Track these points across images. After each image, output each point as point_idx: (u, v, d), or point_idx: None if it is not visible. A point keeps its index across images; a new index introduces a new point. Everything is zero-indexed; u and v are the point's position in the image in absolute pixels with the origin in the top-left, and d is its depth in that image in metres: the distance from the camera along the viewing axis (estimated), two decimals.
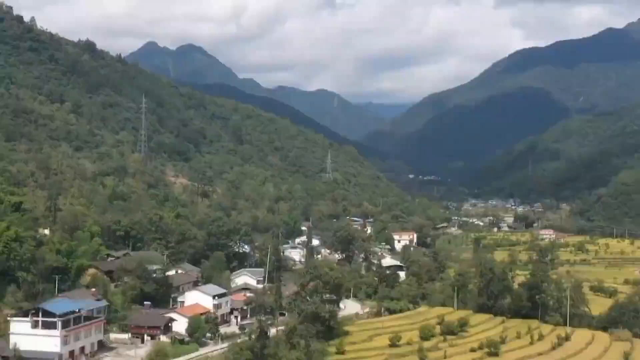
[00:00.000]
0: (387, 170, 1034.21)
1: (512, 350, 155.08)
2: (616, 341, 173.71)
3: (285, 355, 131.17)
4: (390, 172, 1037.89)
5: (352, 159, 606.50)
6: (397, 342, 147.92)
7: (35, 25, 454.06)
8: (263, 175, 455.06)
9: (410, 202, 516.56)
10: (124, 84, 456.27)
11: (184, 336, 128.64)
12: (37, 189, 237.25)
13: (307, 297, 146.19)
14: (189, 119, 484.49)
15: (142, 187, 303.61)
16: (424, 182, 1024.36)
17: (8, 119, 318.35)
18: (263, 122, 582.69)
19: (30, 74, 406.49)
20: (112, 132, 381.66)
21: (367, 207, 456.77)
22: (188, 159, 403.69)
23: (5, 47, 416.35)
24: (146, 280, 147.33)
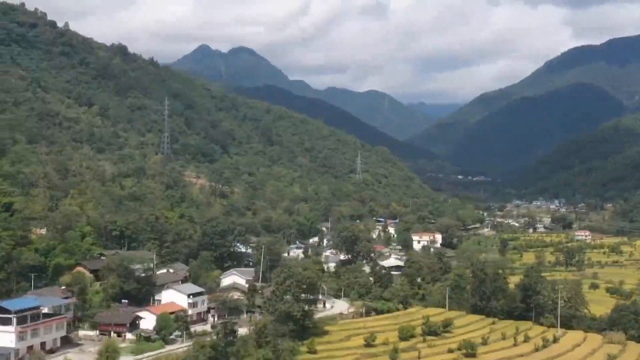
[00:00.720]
0: (434, 171, 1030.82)
1: (493, 352, 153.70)
2: (608, 343, 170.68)
3: (252, 353, 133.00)
4: (439, 172, 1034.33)
5: (384, 160, 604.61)
6: (372, 342, 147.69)
7: (68, 30, 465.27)
8: (291, 176, 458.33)
9: (441, 203, 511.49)
10: (154, 87, 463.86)
11: (150, 333, 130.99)
12: (50, 190, 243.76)
13: (281, 296, 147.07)
14: (218, 121, 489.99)
15: (160, 188, 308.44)
16: (472, 182, 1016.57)
17: (33, 122, 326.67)
18: (295, 123, 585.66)
19: (61, 77, 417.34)
20: (138, 134, 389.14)
21: (395, 208, 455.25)
22: (213, 160, 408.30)
23: (38, 52, 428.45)
24: (126, 279, 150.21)
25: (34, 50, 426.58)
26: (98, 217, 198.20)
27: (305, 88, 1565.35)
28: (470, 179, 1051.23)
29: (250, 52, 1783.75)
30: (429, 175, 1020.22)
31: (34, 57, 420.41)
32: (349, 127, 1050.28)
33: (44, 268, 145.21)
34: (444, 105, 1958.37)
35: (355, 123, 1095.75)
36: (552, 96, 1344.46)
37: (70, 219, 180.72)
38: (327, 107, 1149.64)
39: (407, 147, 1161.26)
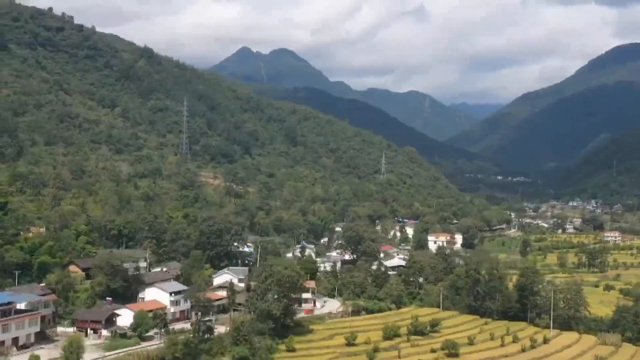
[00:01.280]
0: (473, 171, 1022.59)
1: (477, 352, 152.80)
2: (601, 345, 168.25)
3: (229, 350, 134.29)
4: (478, 173, 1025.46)
5: (410, 160, 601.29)
6: (353, 341, 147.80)
7: (95, 33, 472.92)
8: (313, 177, 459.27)
9: (465, 204, 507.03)
10: (177, 89, 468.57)
11: (127, 330, 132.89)
12: (61, 190, 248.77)
13: (261, 295, 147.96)
14: (241, 122, 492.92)
15: (175, 188, 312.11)
16: (512, 183, 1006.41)
17: (53, 124, 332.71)
18: (320, 123, 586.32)
19: (85, 80, 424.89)
20: (158, 136, 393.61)
21: (418, 208, 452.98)
22: (233, 161, 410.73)
23: (64, 55, 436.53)
24: (113, 277, 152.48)
25: (59, 54, 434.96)
26: (99, 216, 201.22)
27: (345, 89, 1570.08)
28: (511, 180, 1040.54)
29: (291, 54, 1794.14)
30: (467, 176, 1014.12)
31: (59, 60, 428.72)
32: (387, 127, 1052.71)
33: (29, 265, 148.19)
34: (487, 105, 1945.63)
35: (393, 123, 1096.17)
36: (596, 95, 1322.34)
37: (66, 218, 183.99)
38: (365, 108, 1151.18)
39: (446, 148, 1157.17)
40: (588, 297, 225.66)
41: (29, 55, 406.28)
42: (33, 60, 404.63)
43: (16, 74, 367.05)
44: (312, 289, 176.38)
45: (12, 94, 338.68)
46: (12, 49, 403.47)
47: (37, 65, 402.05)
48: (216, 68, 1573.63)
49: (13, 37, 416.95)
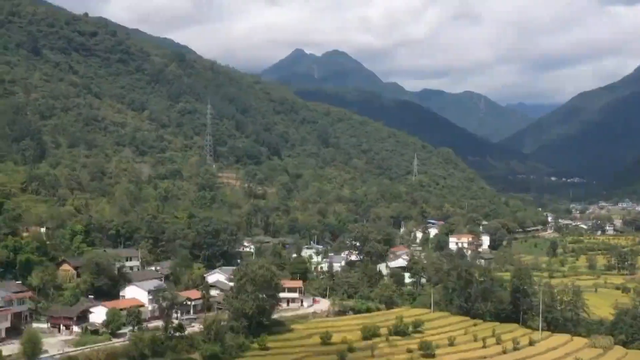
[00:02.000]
0: (526, 172, 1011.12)
1: (456, 353, 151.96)
2: (590, 348, 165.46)
3: (198, 348, 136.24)
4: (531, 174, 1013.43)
5: (445, 161, 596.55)
6: (328, 340, 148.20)
7: (129, 38, 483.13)
8: (342, 178, 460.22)
9: (498, 205, 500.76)
10: (208, 92, 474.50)
11: (98, 327, 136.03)
12: (77, 191, 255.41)
13: (236, 294, 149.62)
14: (272, 124, 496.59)
15: (194, 189, 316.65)
16: (565, 184, 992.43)
17: (78, 127, 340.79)
18: (354, 125, 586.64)
19: (117, 84, 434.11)
20: (185, 138, 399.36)
21: (448, 210, 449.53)
22: (259, 163, 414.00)
23: (96, 59, 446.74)
24: (97, 275, 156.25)
25: (92, 58, 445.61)
26: (106, 216, 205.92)
27: (398, 90, 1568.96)
28: (565, 181, 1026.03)
29: (344, 55, 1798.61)
30: (519, 177, 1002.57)
31: (92, 65, 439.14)
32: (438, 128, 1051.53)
33: (12, 263, 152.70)
34: (543, 105, 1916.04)
35: (444, 124, 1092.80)
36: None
37: (62, 218, 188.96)
38: (416, 108, 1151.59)
39: (499, 149, 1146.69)
40: (604, 300, 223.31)
41: (61, 60, 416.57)
42: (66, 64, 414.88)
43: (46, 78, 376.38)
44: (299, 289, 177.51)
45: (40, 98, 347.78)
46: (45, 54, 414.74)
47: (69, 70, 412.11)
48: (269, 70, 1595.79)
49: (47, 42, 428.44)
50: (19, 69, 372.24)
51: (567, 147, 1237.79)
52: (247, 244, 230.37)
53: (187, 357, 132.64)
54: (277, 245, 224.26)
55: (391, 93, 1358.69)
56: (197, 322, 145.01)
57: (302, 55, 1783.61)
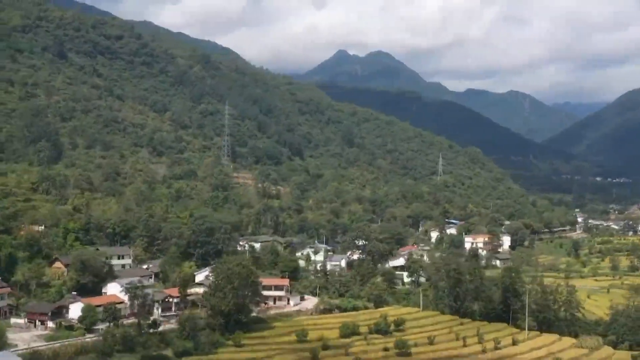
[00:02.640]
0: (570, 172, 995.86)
1: (432, 352, 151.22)
2: (576, 348, 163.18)
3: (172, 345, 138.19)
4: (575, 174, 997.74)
5: (472, 161, 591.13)
6: (304, 337, 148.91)
7: (154, 40, 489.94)
8: (365, 178, 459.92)
9: (523, 205, 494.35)
10: (232, 93, 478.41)
11: (73, 322, 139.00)
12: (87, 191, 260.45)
13: (213, 291, 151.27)
14: (296, 124, 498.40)
15: (207, 189, 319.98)
16: (610, 184, 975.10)
17: (97, 128, 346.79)
18: (380, 125, 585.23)
19: (140, 86, 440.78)
20: (205, 139, 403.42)
21: (472, 210, 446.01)
22: (279, 163, 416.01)
23: (121, 62, 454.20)
24: (82, 272, 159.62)
25: (117, 61, 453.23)
26: (98, 216, 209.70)
27: (441, 90, 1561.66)
28: (610, 181, 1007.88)
29: (387, 56, 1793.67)
30: (563, 177, 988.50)
31: (116, 68, 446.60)
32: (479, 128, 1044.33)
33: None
34: (591, 104, 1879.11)
35: (486, 124, 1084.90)
36: None
37: (57, 217, 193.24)
38: (459, 108, 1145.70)
39: (543, 148, 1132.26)
40: (615, 300, 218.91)
41: (85, 63, 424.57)
42: (90, 67, 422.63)
43: (69, 81, 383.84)
44: (285, 287, 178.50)
45: (61, 101, 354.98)
46: (70, 58, 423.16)
47: (94, 73, 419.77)
48: (313, 72, 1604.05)
49: (73, 46, 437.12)
50: (42, 72, 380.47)
51: (613, 146, 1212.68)
52: (244, 242, 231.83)
53: (158, 353, 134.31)
54: (274, 244, 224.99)
55: (433, 93, 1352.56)
56: (177, 319, 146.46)
57: (345, 56, 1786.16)
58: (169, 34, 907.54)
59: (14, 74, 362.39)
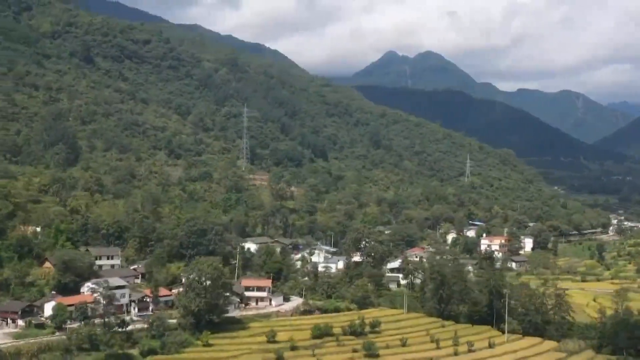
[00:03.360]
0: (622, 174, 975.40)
1: (402, 353, 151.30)
2: (556, 352, 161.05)
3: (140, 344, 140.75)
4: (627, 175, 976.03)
5: (503, 163, 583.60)
6: (273, 338, 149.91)
7: (182, 45, 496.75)
8: (389, 180, 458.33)
9: (552, 207, 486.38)
10: (257, 95, 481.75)
11: (44, 321, 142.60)
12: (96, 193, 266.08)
13: (185, 292, 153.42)
14: (322, 126, 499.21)
15: (222, 191, 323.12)
16: None
17: (117, 131, 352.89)
18: (409, 126, 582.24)
19: (166, 89, 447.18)
20: (227, 141, 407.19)
21: (497, 212, 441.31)
22: (300, 165, 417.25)
23: (148, 66, 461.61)
24: (64, 272, 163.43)
25: (144, 65, 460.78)
26: (96, 217, 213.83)
27: (492, 91, 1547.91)
28: None
29: (437, 56, 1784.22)
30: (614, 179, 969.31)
31: (143, 72, 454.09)
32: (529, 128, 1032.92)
33: None
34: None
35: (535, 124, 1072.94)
36: None
37: (50, 217, 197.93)
38: (508, 109, 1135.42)
39: (594, 149, 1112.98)
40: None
41: (111, 68, 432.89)
42: (116, 72, 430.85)
43: (93, 85, 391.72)
44: (267, 288, 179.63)
45: (83, 104, 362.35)
46: (97, 63, 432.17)
47: (119, 77, 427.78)
48: (361, 73, 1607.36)
49: (100, 51, 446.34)
50: (67, 77, 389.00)
51: None
52: (247, 245, 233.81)
53: (123, 352, 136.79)
54: (270, 246, 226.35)
55: (483, 93, 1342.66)
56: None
57: (394, 57, 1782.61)
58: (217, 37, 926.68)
59: (40, 78, 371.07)
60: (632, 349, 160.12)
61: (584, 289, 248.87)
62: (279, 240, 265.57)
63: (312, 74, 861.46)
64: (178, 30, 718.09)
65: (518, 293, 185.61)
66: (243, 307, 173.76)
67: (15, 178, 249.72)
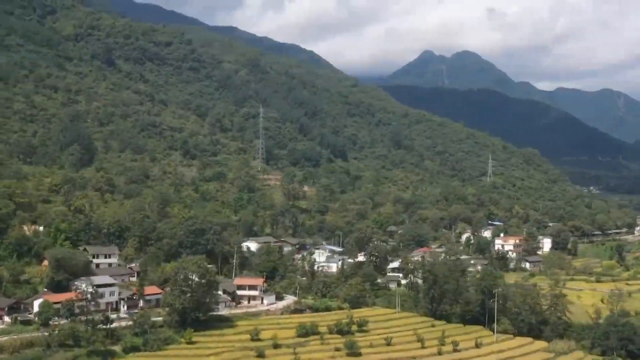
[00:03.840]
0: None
1: (386, 352, 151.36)
2: (544, 352, 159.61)
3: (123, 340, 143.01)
4: None
5: (527, 162, 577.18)
6: (256, 336, 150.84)
7: (201, 46, 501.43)
8: (409, 180, 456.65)
9: (575, 207, 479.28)
10: (276, 97, 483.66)
11: (30, 318, 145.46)
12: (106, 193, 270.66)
13: (170, 290, 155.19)
14: (342, 127, 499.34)
15: (234, 191, 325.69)
16: None
17: (134, 132, 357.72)
18: (432, 126, 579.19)
19: (186, 90, 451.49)
20: (244, 141, 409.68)
21: (518, 212, 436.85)
22: (318, 165, 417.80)
23: (169, 68, 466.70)
24: (57, 270, 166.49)
25: (165, 67, 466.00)
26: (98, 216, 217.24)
27: (530, 90, 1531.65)
28: None
29: (475, 55, 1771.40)
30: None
31: (164, 73, 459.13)
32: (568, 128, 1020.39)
33: None
34: None
35: (574, 124, 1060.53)
36: None
37: (52, 217, 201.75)
38: (545, 108, 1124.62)
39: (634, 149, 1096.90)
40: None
41: (132, 70, 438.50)
42: (137, 74, 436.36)
43: (112, 87, 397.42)
44: (259, 287, 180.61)
45: (101, 106, 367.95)
46: (118, 65, 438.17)
47: (140, 79, 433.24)
48: (398, 73, 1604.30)
49: (122, 53, 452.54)
50: (87, 79, 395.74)
51: None
52: (249, 244, 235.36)
53: (105, 348, 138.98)
54: (270, 245, 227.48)
55: (521, 93, 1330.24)
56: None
57: (431, 57, 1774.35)
58: (251, 39, 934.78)
59: (60, 81, 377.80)
60: (622, 350, 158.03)
61: (595, 289, 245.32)
62: (286, 239, 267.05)
63: (349, 75, 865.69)
64: (208, 33, 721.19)
65: (514, 293, 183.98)
66: (234, 305, 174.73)
67: (26, 178, 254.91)
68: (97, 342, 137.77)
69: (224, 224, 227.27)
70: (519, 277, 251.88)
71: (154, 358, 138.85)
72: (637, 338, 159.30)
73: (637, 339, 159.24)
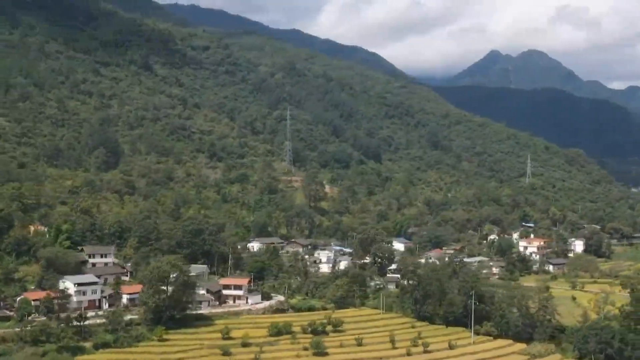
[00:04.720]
0: None
1: (355, 352, 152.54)
2: (519, 354, 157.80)
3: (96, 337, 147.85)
4: None
5: (569, 163, 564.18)
6: (227, 335, 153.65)
7: (239, 50, 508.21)
8: (444, 181, 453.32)
9: (616, 209, 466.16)
10: (311, 99, 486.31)
11: (10, 314, 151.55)
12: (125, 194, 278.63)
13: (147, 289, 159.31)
14: (378, 128, 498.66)
15: (256, 192, 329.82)
16: None
17: (163, 136, 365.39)
18: (472, 127, 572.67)
19: (221, 94, 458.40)
20: (273, 144, 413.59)
21: (555, 213, 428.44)
22: (348, 167, 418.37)
23: (205, 72, 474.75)
24: (46, 269, 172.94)
25: (201, 71, 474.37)
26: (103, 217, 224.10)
27: (599, 89, 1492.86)
28: None
29: (541, 55, 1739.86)
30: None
31: (200, 77, 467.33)
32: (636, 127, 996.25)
33: None
34: None
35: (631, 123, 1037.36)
36: None
37: (51, 218, 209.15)
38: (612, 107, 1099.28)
39: None
40: None
41: (168, 74, 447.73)
42: (173, 78, 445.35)
43: (146, 92, 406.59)
44: (244, 286, 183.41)
45: (132, 110, 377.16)
46: (155, 69, 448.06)
47: (175, 83, 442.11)
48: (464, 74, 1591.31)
49: (159, 58, 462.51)
50: (122, 84, 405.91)
51: None
52: (252, 245, 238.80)
53: (76, 345, 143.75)
54: (275, 246, 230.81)
55: (589, 93, 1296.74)
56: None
57: (497, 57, 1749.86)
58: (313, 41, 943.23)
59: (95, 86, 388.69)
60: (601, 354, 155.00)
61: (614, 292, 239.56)
62: (297, 240, 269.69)
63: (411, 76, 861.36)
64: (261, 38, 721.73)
65: (501, 295, 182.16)
66: (217, 304, 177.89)
67: (45, 180, 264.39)
68: (66, 339, 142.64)
69: (220, 225, 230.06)
70: (539, 279, 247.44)
71: (122, 354, 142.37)
72: (615, 342, 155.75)
73: (615, 343, 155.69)
